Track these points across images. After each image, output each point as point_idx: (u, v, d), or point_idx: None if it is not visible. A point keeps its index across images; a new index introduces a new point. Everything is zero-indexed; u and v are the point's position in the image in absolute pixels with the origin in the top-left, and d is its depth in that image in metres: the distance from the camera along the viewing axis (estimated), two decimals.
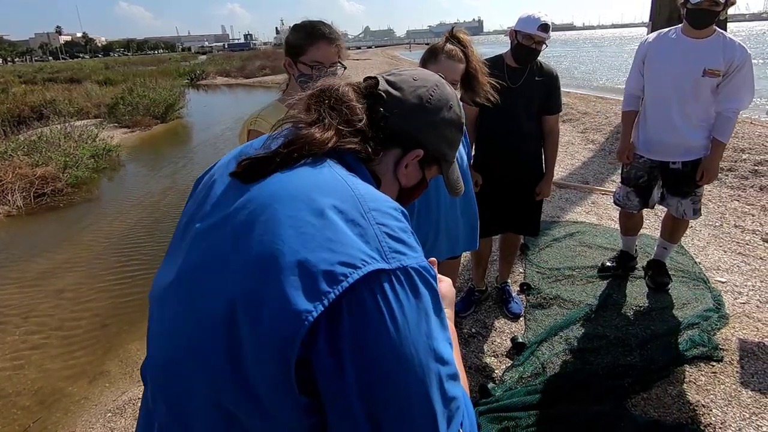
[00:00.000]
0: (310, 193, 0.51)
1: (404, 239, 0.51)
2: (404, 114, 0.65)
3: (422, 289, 0.49)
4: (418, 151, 0.65)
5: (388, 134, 0.64)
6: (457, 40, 1.63)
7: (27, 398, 2.64)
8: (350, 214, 0.49)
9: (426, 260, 0.53)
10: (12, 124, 10.28)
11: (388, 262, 0.47)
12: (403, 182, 0.67)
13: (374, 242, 0.48)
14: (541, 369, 2.06)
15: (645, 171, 2.45)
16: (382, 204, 0.53)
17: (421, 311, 0.48)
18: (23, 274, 4.24)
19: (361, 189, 0.54)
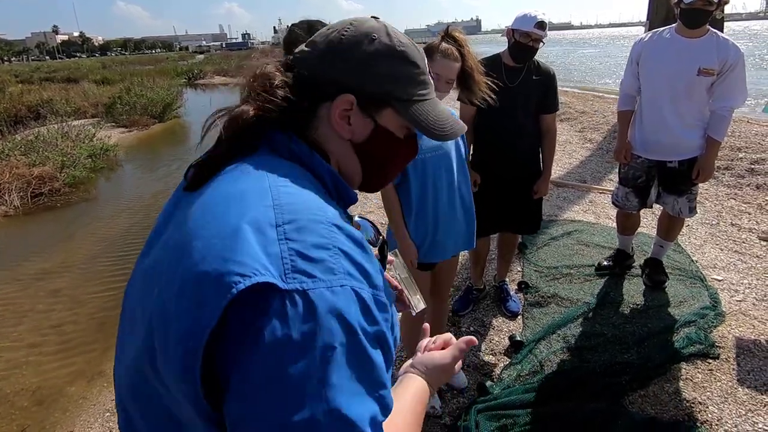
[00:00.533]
0: (229, 207, 0.47)
1: (321, 259, 0.43)
2: (317, 64, 0.58)
3: (327, 322, 0.41)
4: (345, 96, 0.57)
5: (312, 93, 0.58)
6: (452, 38, 1.63)
7: (25, 398, 2.64)
8: (261, 226, 0.44)
9: (372, 291, 0.46)
10: (9, 123, 10.24)
11: (285, 281, 0.41)
12: (347, 136, 0.59)
13: (276, 258, 0.42)
14: (539, 367, 2.07)
15: (643, 171, 2.46)
16: (304, 216, 0.46)
17: (314, 349, 0.40)
18: (20, 274, 4.22)
19: (284, 198, 0.48)
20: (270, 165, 0.53)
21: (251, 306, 0.40)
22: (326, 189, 0.57)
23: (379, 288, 0.48)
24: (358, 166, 0.62)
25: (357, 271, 0.45)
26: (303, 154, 0.56)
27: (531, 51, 2.17)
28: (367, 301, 0.44)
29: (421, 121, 0.61)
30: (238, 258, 0.41)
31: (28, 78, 23.71)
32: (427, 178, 1.78)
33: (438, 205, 1.82)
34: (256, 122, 0.56)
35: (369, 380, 0.43)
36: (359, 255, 0.47)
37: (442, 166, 1.80)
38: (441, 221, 1.83)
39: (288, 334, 0.40)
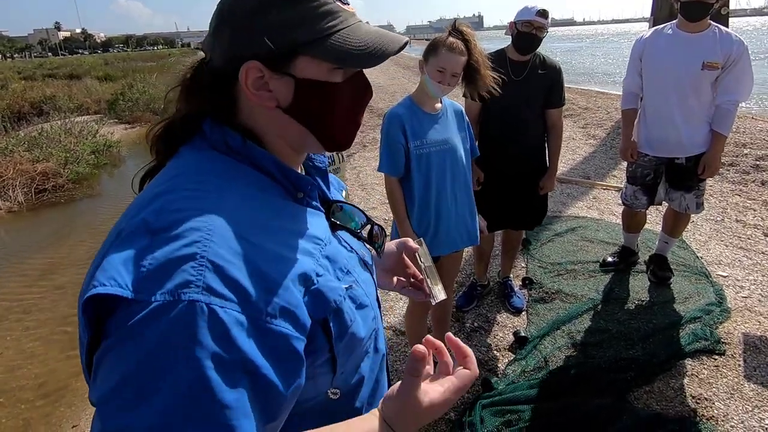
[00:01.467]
0: (124, 215, 0.49)
1: (180, 270, 0.40)
2: (215, 45, 0.55)
3: (158, 337, 0.38)
4: (247, 65, 0.51)
5: (222, 76, 0.54)
6: (459, 33, 1.62)
7: (31, 392, 2.65)
8: (131, 234, 0.44)
9: (247, 312, 0.41)
10: (12, 120, 10.26)
11: (133, 292, 0.40)
12: (272, 104, 0.53)
13: (135, 267, 0.41)
14: (544, 363, 2.07)
15: (651, 169, 2.44)
16: (181, 224, 0.43)
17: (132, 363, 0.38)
18: (25, 270, 4.24)
19: (168, 204, 0.45)
20: (190, 162, 0.52)
21: (103, 314, 0.41)
22: (272, 179, 0.54)
23: (266, 313, 0.42)
24: (303, 130, 0.56)
25: (226, 288, 0.40)
26: (237, 145, 0.53)
27: (535, 40, 2.16)
28: (226, 322, 0.39)
29: (340, 54, 0.52)
30: (103, 266, 0.42)
31: (31, 74, 23.73)
32: (431, 172, 1.77)
33: (441, 199, 1.82)
34: (181, 124, 0.55)
35: (203, 415, 0.37)
36: (241, 272, 0.42)
37: (447, 160, 1.79)
38: (444, 215, 1.83)
39: (117, 341, 0.39)
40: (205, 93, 0.55)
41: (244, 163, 0.53)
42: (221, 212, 0.45)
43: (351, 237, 0.64)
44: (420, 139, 1.74)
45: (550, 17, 2.23)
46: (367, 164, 5.60)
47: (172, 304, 0.39)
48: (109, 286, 0.40)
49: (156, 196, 0.47)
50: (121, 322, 0.40)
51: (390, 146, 1.72)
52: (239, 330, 0.40)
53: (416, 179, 1.76)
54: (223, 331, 0.39)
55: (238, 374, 0.39)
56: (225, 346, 0.39)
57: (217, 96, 0.55)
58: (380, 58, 0.55)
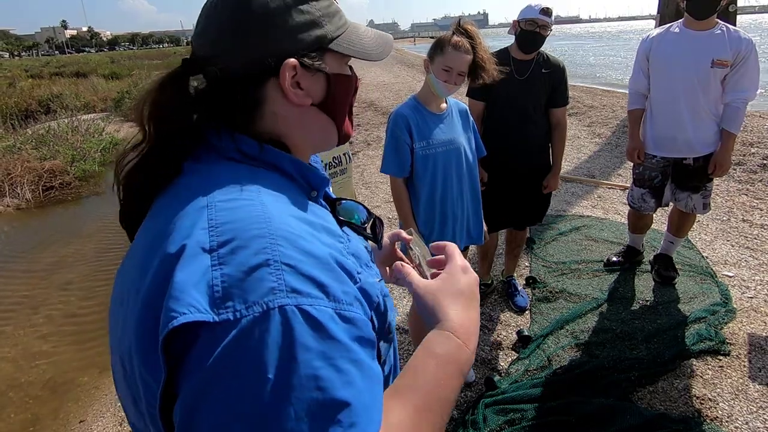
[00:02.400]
0: (168, 235, 0.43)
1: (259, 279, 0.38)
2: (235, 47, 0.52)
3: (261, 352, 0.36)
4: (286, 64, 0.51)
5: (242, 82, 0.52)
6: (464, 31, 1.62)
7: (39, 387, 2.69)
8: (194, 253, 0.40)
9: (332, 305, 0.40)
10: (20, 118, 10.35)
11: (215, 313, 0.37)
12: (307, 102, 0.55)
13: (207, 287, 0.38)
14: (547, 362, 2.07)
15: (658, 170, 2.43)
16: (242, 234, 0.41)
17: (243, 387, 0.35)
18: (32, 266, 4.29)
19: (222, 216, 0.43)
20: (211, 175, 0.49)
21: (182, 344, 0.37)
22: (290, 179, 0.54)
23: (343, 301, 0.42)
24: (329, 124, 0.58)
25: (309, 286, 0.40)
26: (252, 150, 0.52)
27: (538, 38, 2.15)
28: (320, 319, 0.39)
29: (358, 48, 0.58)
30: (174, 295, 0.38)
31: (39, 73, 23.93)
32: (437, 171, 1.77)
33: (447, 199, 1.82)
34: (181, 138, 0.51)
35: (321, 417, 0.36)
36: (313, 267, 0.41)
37: (453, 160, 1.80)
38: (449, 215, 1.83)
39: (212, 371, 0.36)
40: (210, 102, 0.52)
41: (261, 168, 0.52)
42: (271, 216, 0.44)
43: (351, 232, 0.64)
44: (426, 139, 1.74)
45: (554, 15, 2.22)
46: (371, 162, 5.61)
47: (263, 315, 0.37)
48: (190, 314, 0.36)
49: (196, 213, 0.44)
50: (206, 351, 0.36)
51: (396, 147, 1.72)
52: (333, 323, 0.40)
53: (422, 180, 1.76)
54: (320, 328, 0.39)
55: (346, 367, 0.39)
56: (327, 342, 0.38)
57: (234, 103, 0.52)
58: (387, 52, 0.62)
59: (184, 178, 0.51)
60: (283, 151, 0.54)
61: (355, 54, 0.58)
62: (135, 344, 0.41)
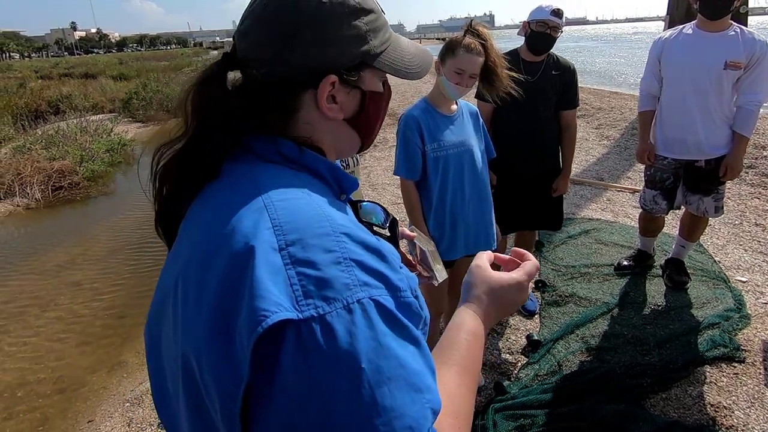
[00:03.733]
0: (231, 234, 0.43)
1: (333, 276, 0.40)
2: (284, 53, 0.51)
3: (350, 344, 0.38)
4: (327, 79, 0.52)
5: (282, 88, 0.52)
6: (476, 33, 1.61)
7: (48, 386, 2.70)
8: (265, 253, 0.40)
9: (394, 295, 0.43)
10: (30, 118, 10.47)
11: (298, 310, 0.38)
12: (339, 117, 0.55)
13: (285, 286, 0.39)
14: (557, 367, 2.05)
15: (670, 172, 2.40)
16: (308, 232, 0.42)
17: (340, 377, 0.37)
18: (42, 266, 4.32)
19: (283, 215, 0.43)
20: (259, 176, 0.49)
21: (269, 344, 0.37)
22: (325, 182, 0.54)
23: (401, 289, 0.44)
24: (355, 137, 0.59)
25: (374, 278, 0.42)
26: (293, 154, 0.52)
27: (549, 39, 2.14)
28: (389, 307, 0.41)
29: (399, 67, 0.58)
30: (259, 294, 0.38)
31: (48, 74, 24.21)
32: (448, 174, 1.76)
33: (457, 202, 1.80)
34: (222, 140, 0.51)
35: (408, 389, 0.40)
36: (374, 260, 0.43)
37: (465, 163, 1.78)
38: (460, 218, 1.81)
39: (307, 368, 0.37)
40: (246, 102, 0.51)
41: (300, 171, 0.53)
42: (329, 214, 0.45)
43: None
44: (437, 141, 1.73)
45: (564, 17, 2.20)
46: (378, 164, 5.60)
47: (346, 309, 0.39)
48: (280, 312, 0.37)
49: (256, 213, 0.44)
50: (297, 349, 0.37)
51: (407, 149, 1.71)
52: (397, 309, 0.42)
53: (432, 182, 1.75)
54: (390, 315, 0.41)
55: (410, 346, 0.42)
56: (396, 326, 0.42)
57: (269, 107, 0.52)
58: (426, 70, 0.62)
59: (227, 179, 0.51)
60: (319, 155, 0.55)
61: (396, 73, 0.58)
62: (206, 345, 0.40)
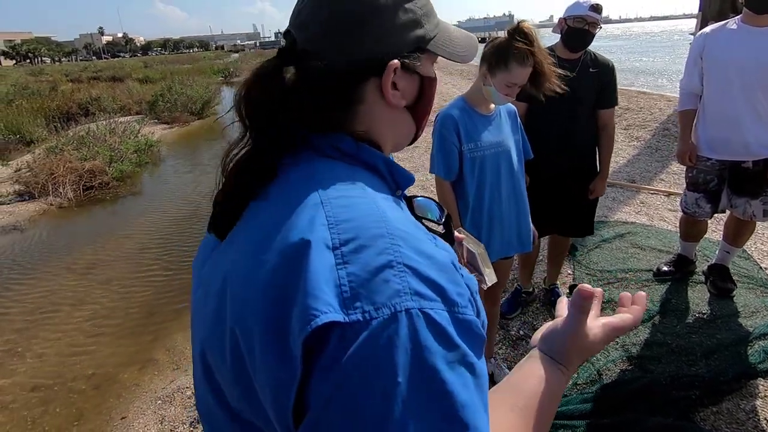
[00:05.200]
0: (287, 230, 0.42)
1: (384, 280, 0.38)
2: (344, 45, 0.50)
3: (390, 355, 0.35)
4: (390, 66, 0.50)
5: (341, 81, 0.51)
6: (522, 35, 1.52)
7: (82, 383, 2.76)
8: (319, 251, 0.39)
9: (449, 309, 0.39)
10: (61, 120, 10.82)
11: (345, 313, 0.36)
12: (402, 104, 0.54)
13: (335, 286, 0.37)
14: (597, 376, 1.97)
15: (714, 174, 2.29)
16: (363, 232, 0.40)
17: (375, 386, 0.35)
18: (74, 264, 4.44)
19: (339, 213, 0.42)
20: (316, 171, 0.48)
21: (315, 343, 0.36)
22: (381, 177, 0.53)
23: (459, 304, 0.40)
24: (412, 126, 0.58)
25: (428, 289, 0.39)
26: (350, 148, 0.51)
27: (587, 36, 2.07)
28: (441, 323, 0.38)
29: (450, 50, 0.57)
30: (310, 292, 0.37)
31: (78, 77, 25.02)
32: (485, 175, 1.72)
33: (494, 203, 1.76)
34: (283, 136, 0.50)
35: (449, 422, 0.36)
36: (430, 269, 0.40)
37: (502, 163, 1.74)
38: (497, 220, 1.77)
39: (342, 375, 0.35)
40: (305, 97, 0.50)
41: (356, 165, 0.51)
42: (386, 215, 0.43)
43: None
44: (474, 141, 1.68)
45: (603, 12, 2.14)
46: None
47: (392, 317, 0.36)
48: (329, 313, 0.36)
49: (312, 209, 0.43)
50: (338, 352, 0.36)
51: (444, 149, 1.67)
52: (450, 326, 0.39)
53: (469, 183, 1.71)
54: (440, 332, 0.38)
55: (462, 370, 0.38)
56: (448, 346, 0.38)
57: (331, 100, 0.51)
58: (474, 54, 0.62)
59: (285, 175, 0.50)
60: (375, 150, 0.53)
61: (448, 56, 0.57)
62: (260, 336, 0.39)
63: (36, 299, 3.81)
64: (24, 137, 9.36)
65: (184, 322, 3.28)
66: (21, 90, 15.55)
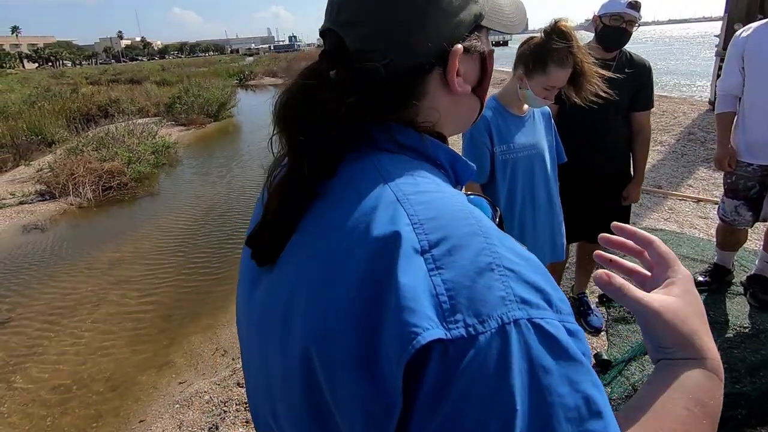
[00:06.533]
0: (356, 234, 0.37)
1: (487, 287, 0.32)
2: (405, 37, 0.45)
3: (504, 376, 0.30)
4: (454, 52, 0.46)
5: (405, 75, 0.46)
6: (561, 35, 1.45)
7: (101, 384, 2.75)
8: (406, 255, 0.34)
9: (558, 317, 0.33)
10: (82, 121, 11.02)
11: (446, 328, 0.31)
12: (467, 90, 0.49)
13: (431, 297, 0.32)
14: (632, 391, 1.88)
15: (755, 180, 2.19)
16: (453, 231, 0.35)
17: (491, 412, 0.30)
18: (93, 264, 4.47)
19: (421, 211, 0.37)
20: (383, 166, 0.43)
21: (416, 367, 0.31)
22: (443, 171, 0.49)
23: (564, 311, 0.35)
24: (477, 106, 0.53)
25: (533, 295, 0.33)
26: (413, 141, 0.46)
27: (624, 34, 1.99)
28: (555, 335, 0.33)
29: (506, 22, 0.52)
30: (408, 306, 0.32)
31: (97, 80, 25.56)
32: (517, 178, 1.65)
33: (526, 208, 1.69)
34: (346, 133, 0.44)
35: None
36: (530, 271, 0.35)
37: (535, 166, 1.67)
38: (528, 226, 1.70)
39: (450, 402, 0.30)
40: (363, 97, 0.45)
41: (419, 159, 0.46)
42: (472, 210, 0.38)
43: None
44: (506, 143, 1.62)
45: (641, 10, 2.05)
46: None
47: (499, 331, 0.31)
48: (432, 330, 0.31)
49: (390, 207, 0.37)
50: (443, 376, 0.30)
51: (475, 150, 1.61)
52: (565, 337, 0.33)
53: (500, 186, 1.64)
54: (556, 346, 0.32)
55: (591, 392, 0.32)
56: (566, 363, 0.32)
57: (402, 98, 0.47)
58: (523, 24, 0.56)
59: (344, 171, 0.44)
60: (439, 141, 0.48)
61: (504, 29, 0.52)
62: (346, 353, 0.33)
63: (55, 299, 3.84)
64: (45, 138, 9.55)
65: (202, 325, 3.26)
66: (43, 92, 15.92)
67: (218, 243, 4.68)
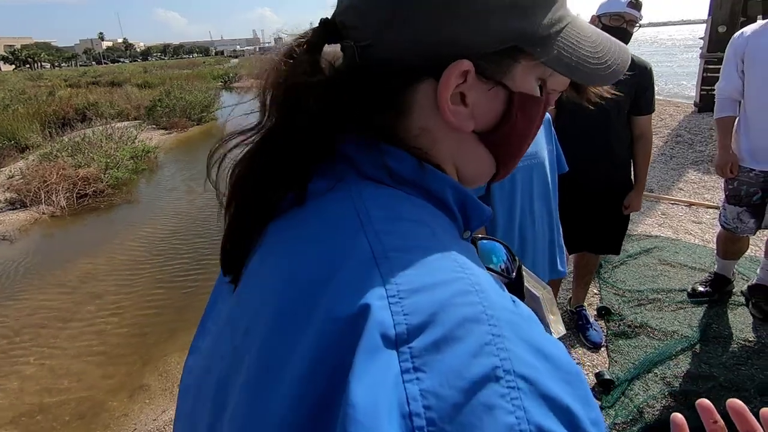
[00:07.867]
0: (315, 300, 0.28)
1: (487, 407, 0.23)
2: (397, 27, 0.34)
3: None
4: (457, 65, 0.33)
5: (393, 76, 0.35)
6: None
7: (67, 411, 2.54)
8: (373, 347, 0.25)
9: None
10: (57, 125, 10.64)
11: None
12: (468, 127, 0.36)
13: (397, 417, 0.23)
14: (638, 414, 1.76)
15: (758, 186, 2.11)
16: (445, 313, 0.25)
17: None
18: (64, 278, 4.23)
19: (402, 277, 0.27)
20: (363, 203, 0.33)
21: None
22: (447, 212, 0.37)
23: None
24: (489, 161, 0.40)
25: (553, 420, 0.23)
26: (409, 170, 0.35)
27: (625, 35, 1.89)
28: None
29: (576, 61, 0.37)
30: (360, 419, 0.22)
31: (76, 82, 24.93)
32: (516, 188, 1.53)
33: (526, 221, 1.58)
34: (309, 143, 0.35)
35: None
36: (552, 374, 0.25)
37: (535, 177, 1.55)
38: (529, 240, 1.60)
39: None
40: (349, 95, 0.35)
41: (413, 194, 0.35)
42: (480, 281, 0.28)
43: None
44: None
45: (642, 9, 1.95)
46: None
47: None
48: None
49: (362, 269, 0.27)
50: None
51: None
52: None
53: (498, 199, 1.52)
54: None
55: None
56: None
57: (381, 104, 0.35)
58: (618, 73, 0.40)
59: (318, 202, 0.35)
60: (446, 175, 0.37)
61: (569, 72, 0.37)
62: None
63: (20, 317, 3.59)
64: (18, 143, 9.16)
65: (179, 343, 3.07)
66: (18, 95, 15.39)
67: (198, 253, 4.47)
